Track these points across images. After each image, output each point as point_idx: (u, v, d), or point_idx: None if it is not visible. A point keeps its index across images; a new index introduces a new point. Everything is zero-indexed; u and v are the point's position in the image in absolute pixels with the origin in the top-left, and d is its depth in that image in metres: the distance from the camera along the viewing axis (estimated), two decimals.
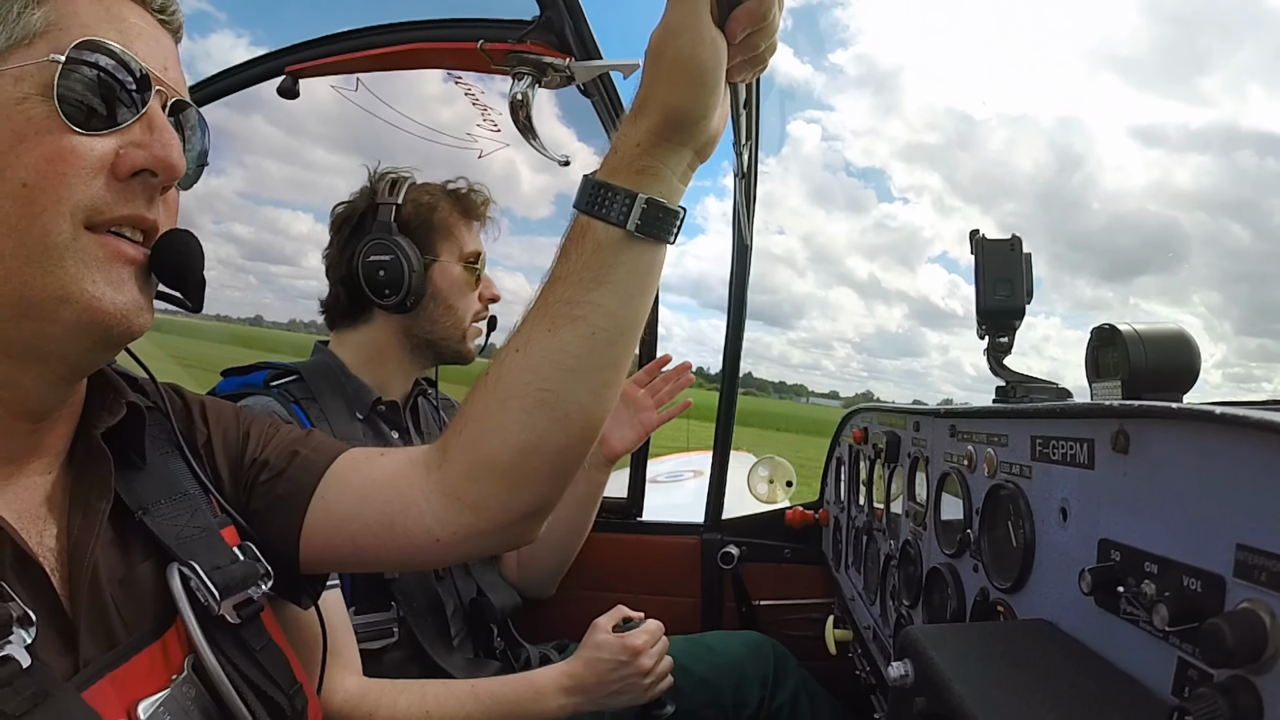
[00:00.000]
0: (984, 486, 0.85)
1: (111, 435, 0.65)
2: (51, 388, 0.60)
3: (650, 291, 0.70)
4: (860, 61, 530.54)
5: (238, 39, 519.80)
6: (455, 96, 1.42)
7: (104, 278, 0.56)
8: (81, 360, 0.61)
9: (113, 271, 0.57)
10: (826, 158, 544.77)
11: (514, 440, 0.69)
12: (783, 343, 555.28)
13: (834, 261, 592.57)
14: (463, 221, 1.42)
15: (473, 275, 1.41)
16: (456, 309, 1.39)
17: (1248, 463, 0.46)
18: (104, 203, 0.56)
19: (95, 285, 0.56)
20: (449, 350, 1.41)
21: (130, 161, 0.57)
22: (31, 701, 0.49)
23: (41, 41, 0.55)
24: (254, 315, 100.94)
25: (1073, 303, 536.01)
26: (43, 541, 0.59)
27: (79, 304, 0.55)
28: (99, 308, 0.56)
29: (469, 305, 1.41)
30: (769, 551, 1.86)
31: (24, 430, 0.60)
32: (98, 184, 0.56)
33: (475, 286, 1.42)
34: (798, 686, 1.51)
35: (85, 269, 0.55)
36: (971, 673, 0.56)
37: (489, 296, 1.45)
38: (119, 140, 0.57)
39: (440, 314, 1.38)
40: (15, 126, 0.53)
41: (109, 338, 0.58)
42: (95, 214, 0.56)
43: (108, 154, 0.56)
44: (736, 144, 0.81)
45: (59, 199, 0.54)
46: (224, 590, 0.64)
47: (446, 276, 1.38)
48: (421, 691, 1.17)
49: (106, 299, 0.56)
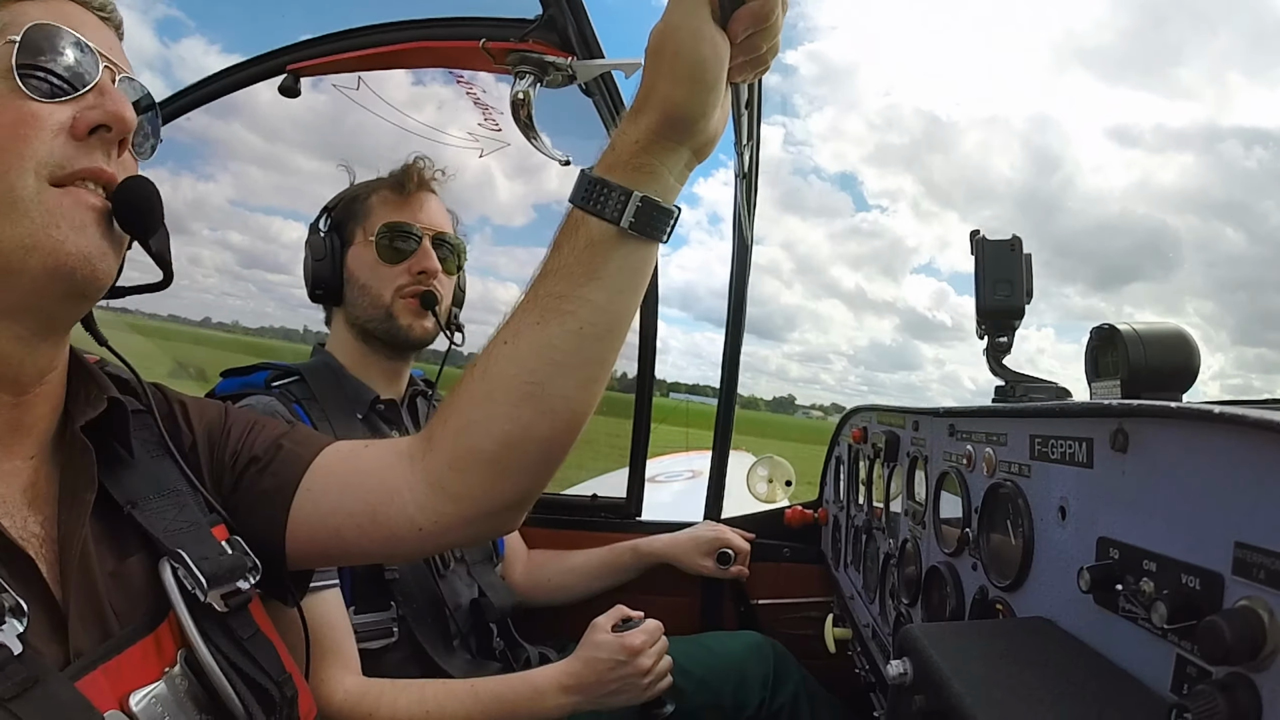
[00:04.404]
0: (983, 485, 0.85)
1: (96, 430, 0.66)
2: (27, 347, 0.62)
3: (641, 289, 0.71)
4: (814, 59, 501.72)
5: None
6: (426, 99, 1.43)
7: (67, 224, 0.60)
8: (53, 312, 0.63)
9: (75, 217, 0.61)
10: (796, 162, 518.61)
11: (499, 431, 0.69)
12: (779, 356, 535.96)
13: (819, 272, 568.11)
14: (393, 199, 1.38)
15: (386, 248, 1.34)
16: (370, 288, 1.34)
17: (1246, 461, 0.46)
18: (64, 158, 0.60)
19: (59, 230, 0.59)
20: (380, 331, 1.35)
21: (86, 120, 0.62)
22: (21, 687, 0.50)
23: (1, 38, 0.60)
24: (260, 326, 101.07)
25: (1063, 312, 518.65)
26: (27, 529, 0.60)
27: (44, 250, 0.59)
28: (63, 250, 0.59)
29: (385, 281, 1.34)
30: (768, 550, 1.86)
31: (6, 404, 0.62)
32: (58, 142, 0.60)
33: (394, 260, 1.34)
34: (798, 688, 1.52)
35: (50, 218, 0.59)
36: (970, 671, 0.56)
37: (418, 269, 1.35)
38: (75, 107, 0.62)
39: (358, 297, 1.35)
40: None
41: (74, 282, 0.61)
42: (57, 169, 0.60)
43: (66, 119, 0.61)
44: (738, 144, 0.82)
45: (22, 156, 0.58)
46: (212, 580, 0.65)
47: (357, 258, 1.36)
48: (421, 691, 1.17)
49: (69, 242, 0.60)
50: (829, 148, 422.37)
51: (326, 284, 1.36)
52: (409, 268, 1.35)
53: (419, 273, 1.35)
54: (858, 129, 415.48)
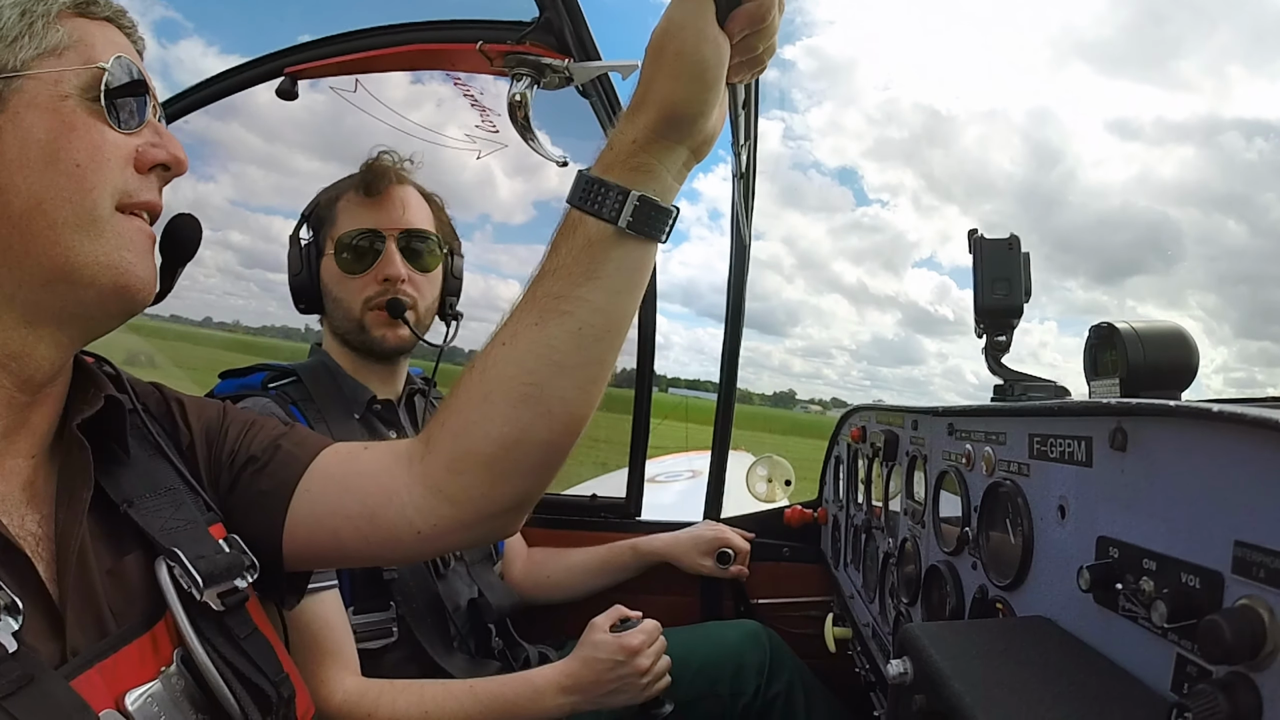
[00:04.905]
0: (982, 484, 0.85)
1: (92, 429, 0.67)
2: (61, 352, 0.65)
3: (640, 289, 0.71)
4: (812, 54, 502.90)
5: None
6: (423, 98, 1.42)
7: (134, 249, 0.65)
8: (100, 325, 0.68)
9: (139, 246, 0.66)
10: (796, 157, 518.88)
11: (497, 433, 0.69)
12: (781, 351, 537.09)
13: (821, 267, 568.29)
14: (361, 200, 1.32)
15: (345, 260, 1.30)
16: (342, 300, 1.31)
17: (1246, 460, 0.46)
18: (133, 188, 0.66)
19: (131, 253, 0.65)
20: (356, 343, 1.33)
21: (151, 157, 0.67)
22: (16, 685, 0.50)
23: (70, 53, 0.63)
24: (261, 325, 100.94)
25: (1066, 306, 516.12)
26: (24, 527, 0.60)
27: (117, 269, 0.64)
28: (133, 273, 0.65)
29: (353, 293, 1.30)
30: (768, 550, 1.86)
31: (20, 403, 0.64)
32: (127, 173, 0.65)
33: (356, 270, 1.30)
34: (794, 675, 1.52)
35: (120, 241, 0.64)
36: (970, 670, 0.56)
37: (383, 276, 1.30)
38: (137, 139, 0.67)
39: (333, 309, 1.34)
40: (64, 117, 0.62)
41: (133, 302, 0.66)
42: (126, 197, 0.65)
43: (130, 151, 0.66)
44: (735, 144, 0.82)
45: (103, 180, 0.63)
46: (208, 579, 0.65)
47: (328, 269, 1.32)
48: (420, 691, 1.17)
49: (139, 266, 0.65)
50: (828, 142, 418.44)
51: (307, 297, 1.34)
52: (374, 276, 1.30)
53: (384, 280, 1.30)
54: (857, 123, 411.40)
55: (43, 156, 0.60)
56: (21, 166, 0.60)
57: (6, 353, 0.62)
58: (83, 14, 0.66)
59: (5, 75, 0.60)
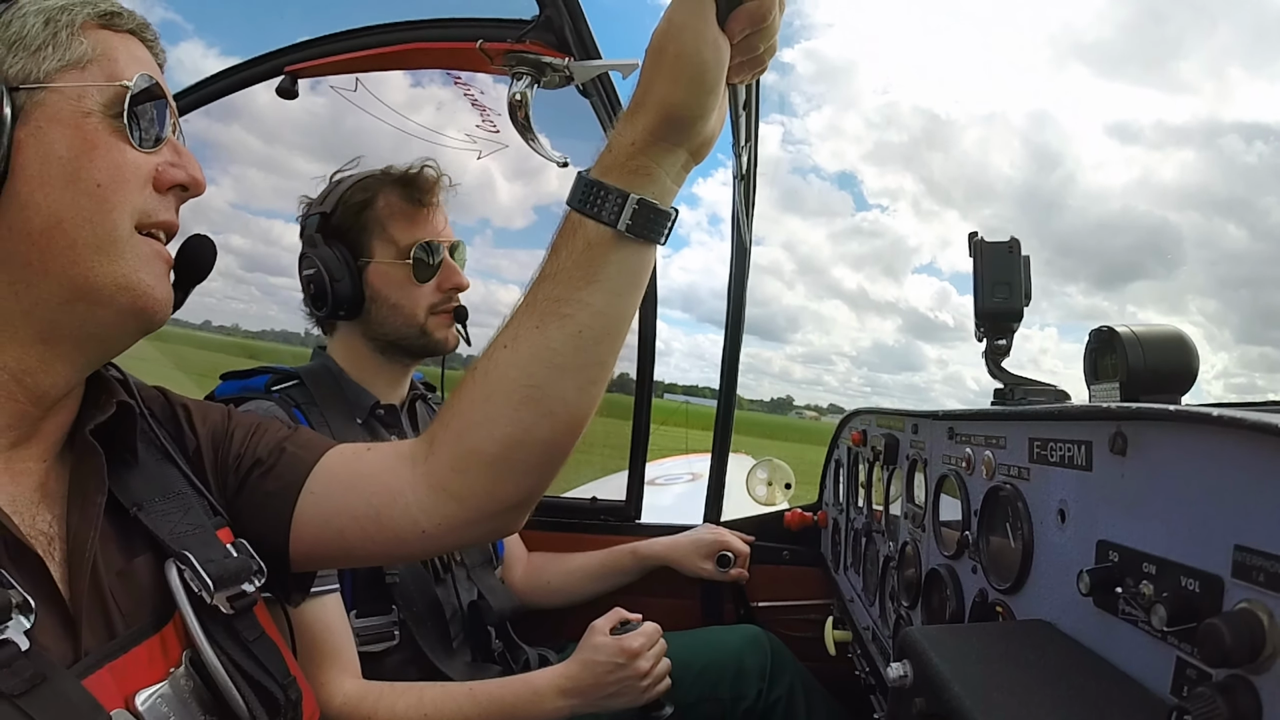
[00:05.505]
0: (982, 488, 0.85)
1: (103, 434, 0.67)
2: (77, 371, 0.65)
3: (639, 290, 0.71)
4: (811, 57, 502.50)
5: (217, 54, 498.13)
6: (423, 101, 1.42)
7: (152, 270, 0.65)
8: (116, 345, 0.68)
9: (156, 267, 0.66)
10: (795, 161, 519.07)
11: (500, 433, 0.70)
12: (781, 357, 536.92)
13: (821, 272, 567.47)
14: (406, 209, 1.34)
15: (420, 267, 1.33)
16: (403, 307, 1.33)
17: (1245, 464, 0.46)
18: (152, 209, 0.65)
19: (149, 274, 0.64)
20: (414, 346, 1.36)
21: (171, 177, 0.67)
22: (29, 683, 0.50)
23: (94, 67, 0.63)
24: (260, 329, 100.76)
25: (1066, 312, 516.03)
26: (36, 528, 0.60)
27: (136, 290, 0.63)
28: (151, 294, 0.64)
29: (418, 300, 1.34)
30: (768, 553, 1.86)
31: (33, 416, 0.63)
32: (147, 192, 0.65)
33: (426, 278, 1.34)
34: (794, 679, 1.52)
35: (139, 262, 0.64)
36: (970, 673, 0.56)
37: (450, 285, 1.36)
38: (157, 158, 0.66)
39: (387, 314, 1.33)
40: (86, 135, 0.61)
41: (150, 324, 0.66)
42: (145, 217, 0.65)
43: (150, 170, 0.66)
44: (736, 146, 0.82)
45: (124, 200, 0.63)
46: (218, 582, 0.66)
47: (383, 276, 1.32)
48: (420, 694, 1.17)
49: (157, 288, 0.65)
50: (828, 146, 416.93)
51: (348, 303, 1.31)
52: (439, 284, 1.35)
53: (449, 288, 1.36)
54: (856, 127, 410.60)
55: (64, 174, 0.60)
56: (43, 184, 0.59)
57: (22, 368, 0.61)
58: (107, 26, 0.65)
59: (29, 86, 0.60)
